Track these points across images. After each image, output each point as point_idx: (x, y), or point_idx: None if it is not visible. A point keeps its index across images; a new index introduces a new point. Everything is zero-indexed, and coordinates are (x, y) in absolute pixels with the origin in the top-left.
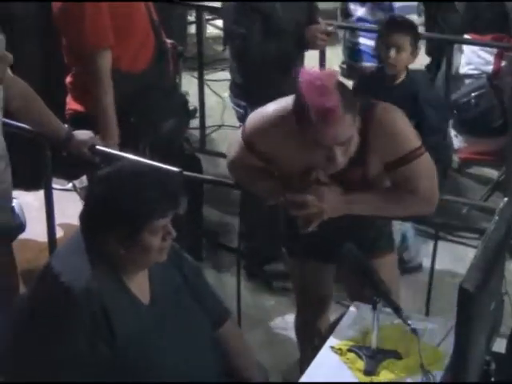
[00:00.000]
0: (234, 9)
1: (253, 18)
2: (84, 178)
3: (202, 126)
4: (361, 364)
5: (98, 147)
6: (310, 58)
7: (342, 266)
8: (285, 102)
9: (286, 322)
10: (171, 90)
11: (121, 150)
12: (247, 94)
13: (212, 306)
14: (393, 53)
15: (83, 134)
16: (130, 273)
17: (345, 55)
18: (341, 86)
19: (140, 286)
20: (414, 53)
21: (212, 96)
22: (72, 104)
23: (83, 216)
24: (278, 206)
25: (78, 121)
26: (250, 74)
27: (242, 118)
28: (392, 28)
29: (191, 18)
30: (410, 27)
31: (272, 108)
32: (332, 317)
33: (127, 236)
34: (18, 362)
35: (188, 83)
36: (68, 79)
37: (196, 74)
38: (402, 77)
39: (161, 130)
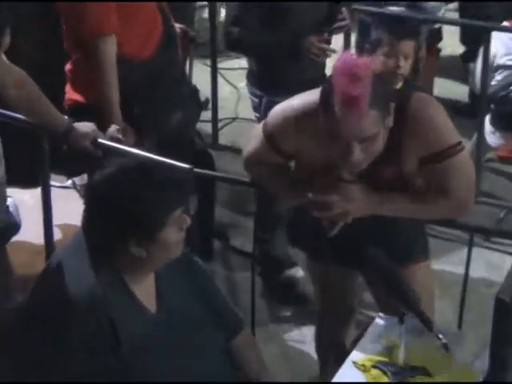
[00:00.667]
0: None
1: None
2: (85, 175)
3: (215, 119)
4: (386, 382)
5: (100, 140)
6: (335, 42)
7: (368, 273)
8: (312, 95)
9: (303, 335)
10: (180, 79)
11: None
12: (262, 83)
13: (224, 316)
14: (402, 62)
15: (85, 126)
16: (136, 278)
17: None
18: (377, 79)
19: (147, 292)
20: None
21: (226, 86)
22: (71, 94)
23: (88, 220)
24: (299, 206)
25: (78, 112)
26: (265, 63)
27: (257, 108)
28: (400, 35)
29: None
30: (417, 32)
31: (298, 101)
32: (356, 329)
33: (148, 236)
34: (19, 376)
35: (200, 72)
36: (68, 67)
37: (208, 61)
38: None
39: (168, 122)
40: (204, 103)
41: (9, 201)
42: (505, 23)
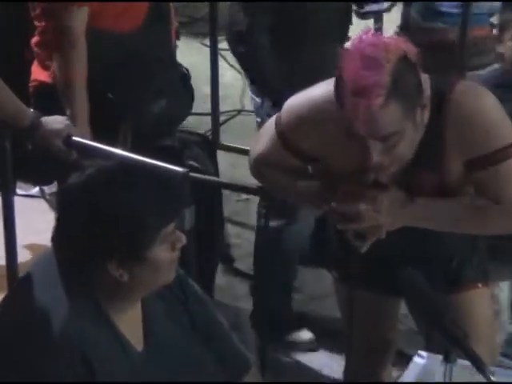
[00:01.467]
0: None
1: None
2: (56, 182)
3: (215, 112)
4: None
5: (75, 139)
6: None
7: (405, 300)
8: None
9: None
10: (168, 61)
11: (94, 138)
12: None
13: (227, 355)
14: None
15: (56, 121)
16: (119, 307)
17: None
18: (405, 64)
19: (132, 325)
20: None
21: (228, 70)
22: (38, 73)
23: (59, 236)
24: (322, 217)
25: (45, 96)
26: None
27: (259, 111)
28: None
29: None
30: None
31: (318, 91)
32: (393, 368)
33: (133, 256)
34: None
35: (196, 53)
36: (34, 39)
37: (207, 40)
38: None
39: (149, 111)
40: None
41: None
42: None
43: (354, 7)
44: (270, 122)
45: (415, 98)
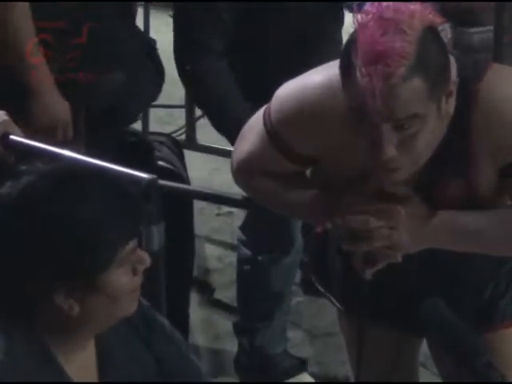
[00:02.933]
0: None
1: None
2: None
3: (189, 104)
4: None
5: (13, 137)
6: None
7: (427, 338)
8: (336, 69)
9: None
10: (125, 23)
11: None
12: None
13: None
14: None
15: None
16: (68, 347)
17: None
18: (431, 35)
19: (84, 370)
20: None
21: None
22: None
23: None
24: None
25: None
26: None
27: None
28: None
29: None
30: None
31: (314, 78)
32: None
33: (85, 283)
34: None
35: (167, 29)
36: None
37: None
38: None
39: (101, 87)
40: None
41: None
42: None
43: None
44: (257, 117)
45: (442, 78)
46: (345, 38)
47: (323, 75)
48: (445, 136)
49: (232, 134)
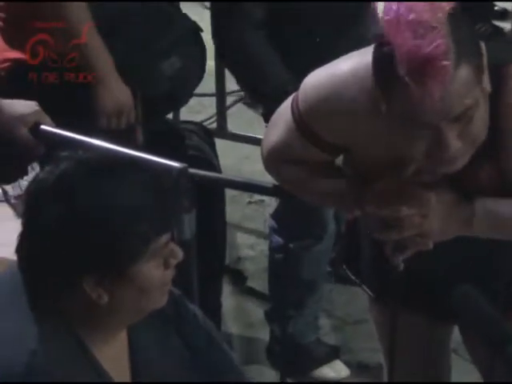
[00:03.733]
0: None
1: None
2: (23, 182)
3: (221, 92)
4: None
5: (45, 127)
6: None
7: (460, 325)
8: (367, 57)
9: None
10: (174, 10)
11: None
12: None
13: None
14: None
15: (21, 105)
16: (99, 338)
17: None
18: (456, 19)
19: (116, 361)
20: None
21: None
22: (6, 51)
23: (25, 247)
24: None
25: (23, 77)
26: None
27: (267, 116)
28: None
29: None
30: None
31: (344, 67)
32: None
33: (114, 272)
34: None
35: (199, 18)
36: None
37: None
38: None
39: (161, 73)
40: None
41: None
42: None
43: None
44: (286, 105)
45: (479, 57)
46: None
47: (351, 64)
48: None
49: (271, 103)
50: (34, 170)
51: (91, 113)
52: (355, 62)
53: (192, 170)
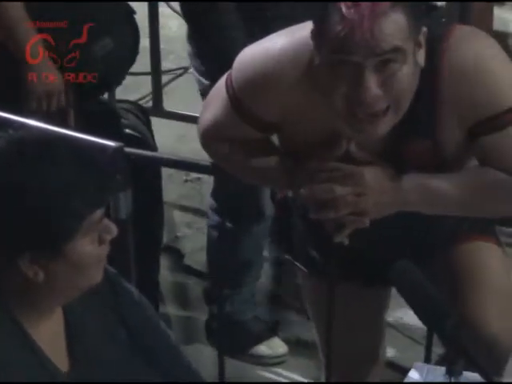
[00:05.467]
0: None
1: None
2: None
3: (156, 70)
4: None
5: None
6: None
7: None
8: (300, 30)
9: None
10: None
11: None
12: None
13: (175, 372)
14: None
15: None
16: (35, 316)
17: None
18: None
19: (53, 340)
20: None
21: (173, 19)
22: None
23: None
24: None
25: None
26: None
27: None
28: None
29: None
30: None
31: (276, 42)
32: None
33: (49, 249)
34: None
35: None
36: None
37: None
38: None
39: (92, 54)
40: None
41: None
42: None
43: None
44: (220, 83)
45: (418, 17)
46: None
47: (285, 39)
48: (414, 96)
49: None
50: None
51: (21, 94)
52: (288, 37)
53: (128, 149)
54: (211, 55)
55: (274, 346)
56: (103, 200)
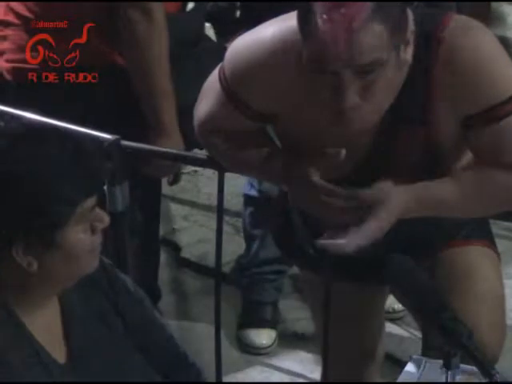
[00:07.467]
0: None
1: None
2: None
3: None
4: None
5: None
6: None
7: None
8: (291, 21)
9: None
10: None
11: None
12: None
13: (170, 364)
14: None
15: None
16: (32, 308)
17: None
18: None
19: (49, 331)
20: None
21: None
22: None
23: None
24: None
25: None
26: None
27: None
28: None
29: None
30: None
31: (268, 31)
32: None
33: (42, 239)
34: None
35: None
36: None
37: None
38: None
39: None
40: None
41: None
42: None
43: None
44: (214, 75)
45: (400, 25)
46: None
47: (276, 28)
48: (406, 85)
49: None
50: None
51: None
52: (279, 26)
53: (124, 142)
54: None
55: (265, 336)
56: (93, 187)
